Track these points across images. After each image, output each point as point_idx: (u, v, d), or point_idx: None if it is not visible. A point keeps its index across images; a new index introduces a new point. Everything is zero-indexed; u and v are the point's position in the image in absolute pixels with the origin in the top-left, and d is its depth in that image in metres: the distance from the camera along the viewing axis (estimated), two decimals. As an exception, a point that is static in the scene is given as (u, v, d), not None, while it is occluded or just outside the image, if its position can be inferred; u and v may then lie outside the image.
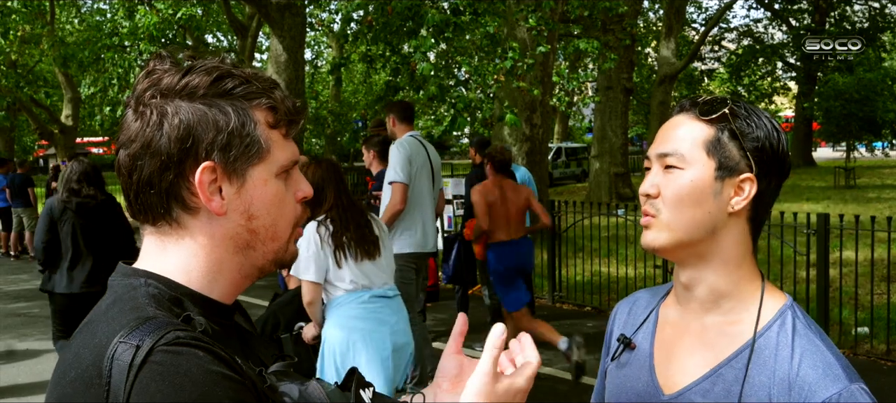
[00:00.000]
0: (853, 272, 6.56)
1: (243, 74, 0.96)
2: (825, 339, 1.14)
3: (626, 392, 1.28)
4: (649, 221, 1.19)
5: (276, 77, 13.54)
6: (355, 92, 32.56)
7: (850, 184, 22.70)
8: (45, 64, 21.40)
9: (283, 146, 0.98)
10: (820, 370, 1.08)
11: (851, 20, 31.15)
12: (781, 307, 1.17)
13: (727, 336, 1.18)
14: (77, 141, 24.64)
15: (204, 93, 0.92)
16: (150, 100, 0.93)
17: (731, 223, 1.17)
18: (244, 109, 0.94)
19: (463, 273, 6.89)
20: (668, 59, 23.38)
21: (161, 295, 0.91)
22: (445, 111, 9.90)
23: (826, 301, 6.20)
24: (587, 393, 1.32)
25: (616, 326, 1.39)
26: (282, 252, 1.01)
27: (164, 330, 0.83)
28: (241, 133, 0.93)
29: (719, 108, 1.17)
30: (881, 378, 5.74)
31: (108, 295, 0.94)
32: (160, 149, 0.91)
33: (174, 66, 0.95)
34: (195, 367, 0.81)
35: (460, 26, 8.91)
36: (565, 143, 32.86)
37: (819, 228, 6.11)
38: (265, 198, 0.96)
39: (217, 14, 22.65)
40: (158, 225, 0.96)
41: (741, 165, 1.15)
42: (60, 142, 21.16)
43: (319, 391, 0.96)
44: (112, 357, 0.82)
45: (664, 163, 1.18)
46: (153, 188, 0.92)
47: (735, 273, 1.18)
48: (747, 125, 1.16)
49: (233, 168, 0.93)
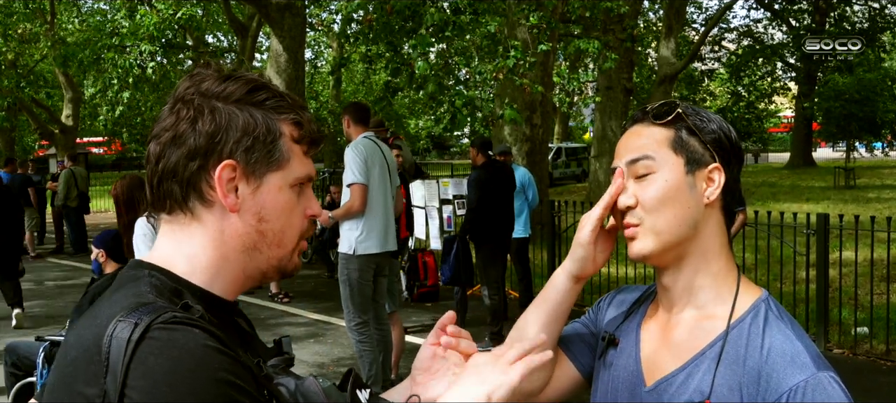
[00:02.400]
0: (853, 272, 6.57)
1: (277, 91, 1.04)
2: (797, 329, 1.15)
3: (615, 387, 1.29)
4: (634, 232, 1.20)
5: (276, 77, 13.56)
6: (355, 92, 32.58)
7: (849, 185, 22.69)
8: (46, 64, 21.40)
9: (302, 161, 1.05)
10: (788, 358, 1.09)
11: (851, 20, 31.11)
12: (755, 300, 1.19)
13: (703, 329, 1.19)
14: (77, 141, 24.65)
15: (238, 98, 1.00)
16: (189, 98, 1.00)
17: (707, 214, 1.20)
18: (272, 119, 1.01)
19: (461, 273, 6.88)
20: (668, 59, 23.37)
21: (163, 286, 0.95)
22: (445, 110, 9.90)
23: (826, 301, 6.20)
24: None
25: (602, 309, 1.42)
26: (286, 260, 1.06)
27: (161, 310, 0.87)
28: (265, 139, 1.00)
29: (672, 110, 1.21)
30: (881, 378, 5.75)
31: (113, 285, 0.99)
32: (189, 141, 0.98)
33: (217, 73, 1.02)
34: (192, 341, 0.85)
35: (460, 26, 8.91)
36: (565, 143, 32.86)
37: (819, 228, 6.12)
38: (277, 204, 1.02)
39: (217, 14, 22.65)
40: (174, 214, 1.01)
41: (706, 157, 1.19)
42: (61, 142, 21.17)
43: (316, 386, 0.99)
44: (111, 335, 0.85)
45: (635, 173, 1.21)
46: (176, 176, 0.98)
47: (714, 264, 1.21)
48: (700, 121, 1.21)
49: (252, 170, 1.00)
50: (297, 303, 8.87)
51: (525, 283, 7.61)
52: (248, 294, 9.11)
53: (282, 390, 0.96)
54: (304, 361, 6.50)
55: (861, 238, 6.40)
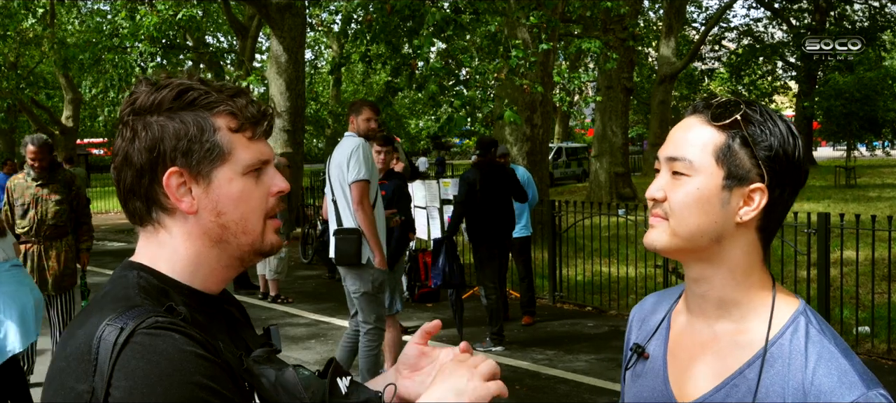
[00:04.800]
0: (854, 271, 6.56)
1: (205, 86, 1.07)
2: (841, 344, 1.11)
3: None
4: (658, 222, 1.17)
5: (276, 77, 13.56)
6: (355, 92, 32.58)
7: (850, 184, 22.68)
8: (46, 65, 21.41)
9: (248, 147, 1.07)
10: (835, 377, 1.06)
11: (851, 19, 31.12)
12: (794, 313, 1.14)
13: (739, 345, 1.15)
14: (78, 142, 24.67)
15: (169, 106, 1.04)
16: (126, 118, 1.06)
17: (738, 233, 1.14)
18: (204, 117, 1.05)
19: (452, 276, 6.77)
20: (668, 59, 23.38)
21: (150, 286, 1.02)
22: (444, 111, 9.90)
23: (827, 300, 6.19)
24: (587, 392, 1.32)
25: (632, 333, 1.38)
26: (259, 243, 1.10)
27: (145, 315, 0.95)
28: (200, 139, 1.04)
29: (732, 113, 1.12)
30: (882, 378, 5.70)
31: (106, 285, 1.06)
32: (134, 161, 1.04)
33: (151, 87, 1.06)
34: (171, 347, 0.92)
35: (461, 25, 8.91)
36: (566, 143, 32.87)
37: (820, 228, 6.11)
38: (231, 195, 1.06)
39: (217, 15, 22.66)
40: (145, 226, 1.09)
41: (752, 174, 1.11)
42: (61, 143, 21.17)
43: (294, 377, 1.05)
44: (100, 337, 0.93)
45: (672, 168, 1.16)
46: (135, 194, 1.06)
47: (743, 282, 1.16)
48: (760, 132, 1.12)
49: (198, 171, 1.05)
50: (298, 304, 8.87)
51: (526, 283, 7.60)
52: (248, 294, 9.10)
53: (263, 381, 1.03)
54: (305, 361, 6.50)
55: (862, 237, 6.39)
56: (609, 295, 8.10)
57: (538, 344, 6.84)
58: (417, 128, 37.23)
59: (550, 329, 7.40)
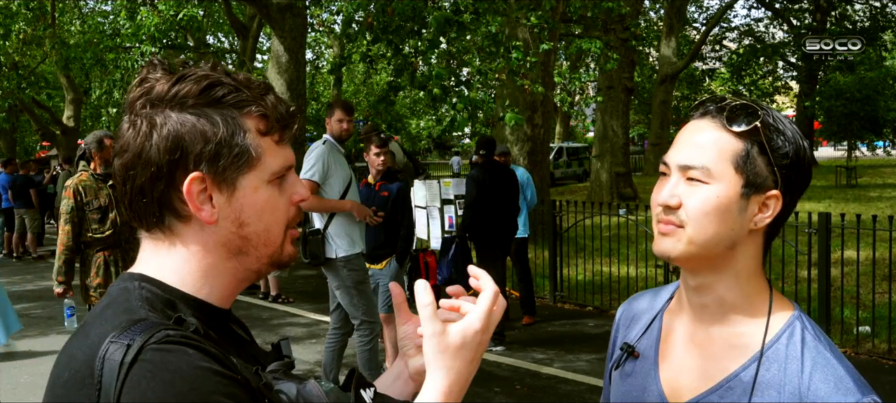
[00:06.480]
0: (855, 271, 6.56)
1: (234, 82, 0.95)
2: (835, 351, 1.12)
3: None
4: (671, 229, 1.13)
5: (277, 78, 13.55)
6: (356, 92, 32.56)
7: (851, 184, 22.65)
8: (47, 65, 21.42)
9: (276, 152, 0.97)
10: (831, 383, 1.07)
11: (852, 19, 31.08)
12: (789, 318, 1.15)
13: (735, 348, 1.15)
14: (79, 142, 24.64)
15: (194, 102, 0.92)
16: (141, 109, 0.93)
17: (749, 239, 1.14)
18: (234, 118, 0.93)
19: (457, 275, 6.79)
20: (669, 59, 23.38)
21: (154, 298, 0.92)
22: (446, 111, 9.90)
23: (828, 300, 6.19)
24: (587, 392, 1.31)
25: (620, 332, 1.37)
26: (277, 254, 1.00)
27: (154, 329, 0.84)
28: (230, 143, 0.93)
29: (750, 120, 1.10)
30: (883, 377, 5.74)
31: (104, 298, 0.95)
32: (151, 160, 0.91)
33: (166, 74, 0.94)
34: (185, 364, 0.82)
35: (463, 25, 8.90)
36: (567, 143, 32.87)
37: (820, 227, 6.11)
38: (256, 204, 0.96)
39: (218, 15, 22.65)
40: (152, 232, 0.97)
41: (768, 182, 1.10)
42: (62, 143, 21.17)
43: (318, 389, 0.94)
44: (104, 356, 0.83)
45: (688, 175, 1.12)
46: (145, 197, 0.93)
47: (746, 286, 1.16)
48: (778, 138, 1.10)
49: (222, 177, 0.93)
50: (298, 304, 8.87)
51: (525, 283, 7.60)
52: (248, 294, 9.10)
53: (283, 397, 0.92)
54: (306, 361, 6.51)
55: (863, 237, 6.39)
56: (610, 294, 8.10)
57: (539, 344, 6.84)
58: (418, 128, 37.21)
59: (551, 329, 7.40)
